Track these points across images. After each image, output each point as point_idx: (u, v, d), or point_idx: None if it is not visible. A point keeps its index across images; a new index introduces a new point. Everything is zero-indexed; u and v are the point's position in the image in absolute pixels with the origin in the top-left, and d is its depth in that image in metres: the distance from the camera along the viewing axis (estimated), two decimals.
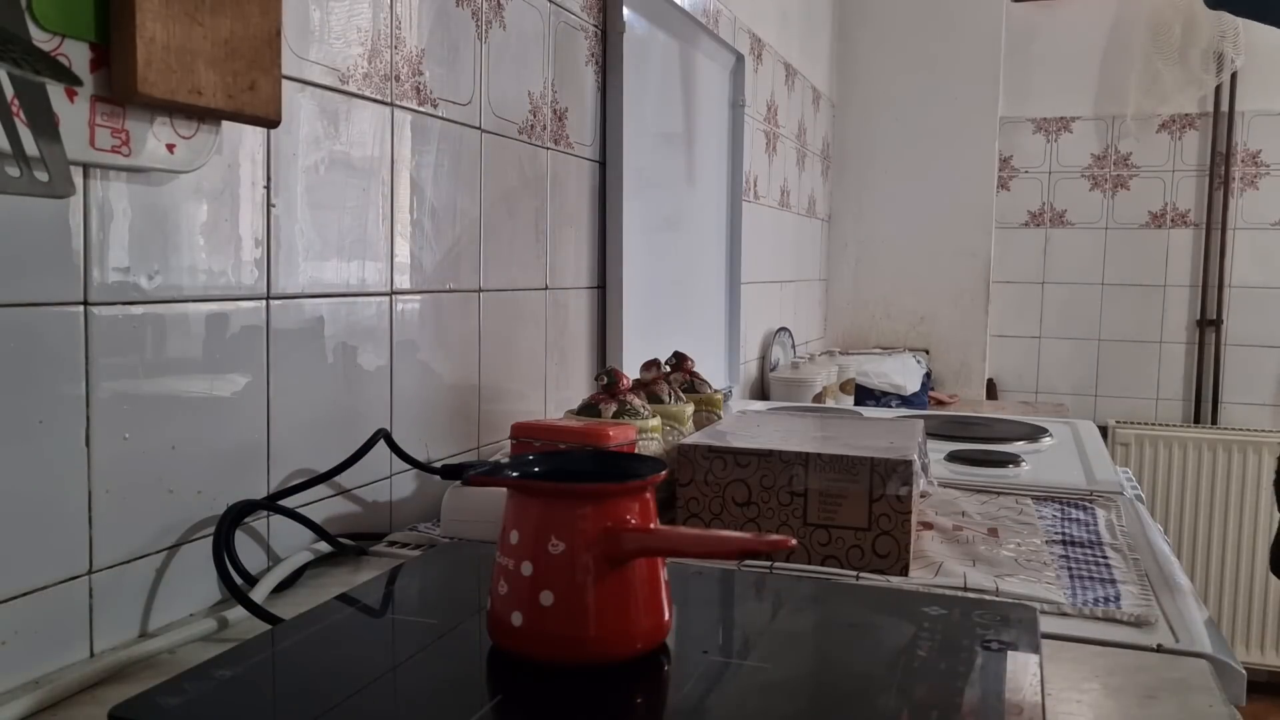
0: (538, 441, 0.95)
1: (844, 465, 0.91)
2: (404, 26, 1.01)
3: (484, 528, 0.93)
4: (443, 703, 0.57)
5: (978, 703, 0.56)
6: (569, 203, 1.38)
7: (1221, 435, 3.13)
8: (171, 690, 0.55)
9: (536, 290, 1.31)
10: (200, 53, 0.69)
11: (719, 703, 0.57)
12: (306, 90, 0.88)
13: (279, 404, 0.87)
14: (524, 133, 1.26)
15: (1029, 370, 3.39)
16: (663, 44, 1.66)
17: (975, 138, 3.00)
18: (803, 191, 2.75)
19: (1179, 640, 0.75)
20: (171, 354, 0.76)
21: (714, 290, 1.99)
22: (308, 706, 0.55)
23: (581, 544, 0.60)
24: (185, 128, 0.73)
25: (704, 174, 1.90)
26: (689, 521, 0.96)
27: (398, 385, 1.03)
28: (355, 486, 0.98)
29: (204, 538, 0.80)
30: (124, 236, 0.72)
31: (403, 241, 1.03)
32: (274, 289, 0.86)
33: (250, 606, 0.75)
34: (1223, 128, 3.15)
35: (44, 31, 0.62)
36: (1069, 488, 1.25)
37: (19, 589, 0.65)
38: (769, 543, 0.61)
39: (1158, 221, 3.24)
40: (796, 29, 2.61)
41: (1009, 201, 3.35)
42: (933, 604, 0.72)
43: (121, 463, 0.72)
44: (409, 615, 0.71)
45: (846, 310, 3.15)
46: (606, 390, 1.05)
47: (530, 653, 0.61)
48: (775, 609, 0.74)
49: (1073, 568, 0.92)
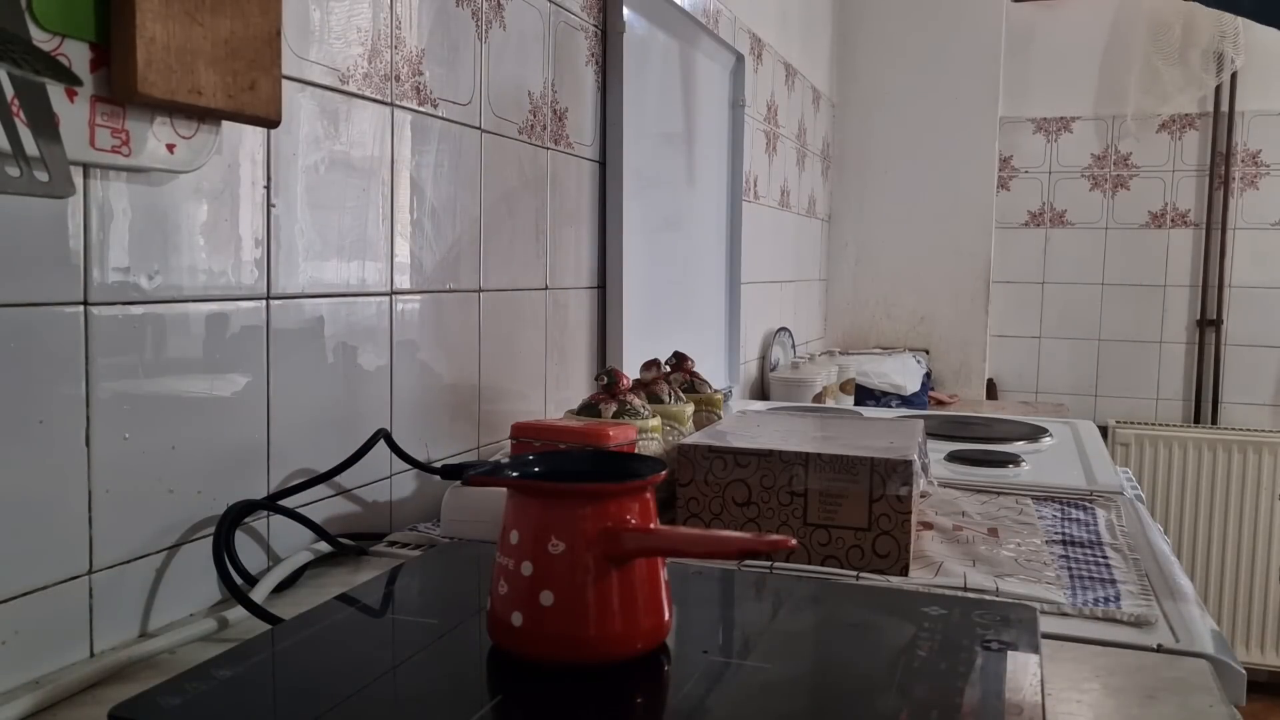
0: (538, 441, 0.95)
1: (844, 465, 0.91)
2: (404, 26, 1.01)
3: (484, 528, 0.93)
4: (443, 703, 0.57)
5: (978, 703, 0.56)
6: (569, 203, 1.38)
7: (1221, 435, 3.13)
8: (171, 690, 0.55)
9: (536, 290, 1.31)
10: (200, 53, 0.69)
11: (719, 703, 0.57)
12: (306, 90, 0.89)
13: (279, 404, 0.87)
14: (524, 133, 1.26)
15: (1029, 370, 3.39)
16: (663, 44, 1.66)
17: (975, 138, 3.00)
18: (803, 191, 2.75)
19: (1179, 640, 0.75)
20: (171, 354, 0.76)
21: (714, 290, 1.99)
22: (308, 706, 0.55)
23: (582, 544, 0.60)
24: (185, 128, 0.73)
25: (704, 174, 1.90)
26: (689, 521, 0.96)
27: (398, 385, 1.03)
28: (355, 486, 0.98)
29: (204, 538, 0.80)
30: (124, 236, 0.72)
31: (403, 241, 1.03)
32: (274, 289, 0.86)
33: (250, 606, 0.75)
34: (1223, 128, 3.15)
35: (44, 31, 0.62)
36: (1069, 488, 1.25)
37: (19, 589, 0.65)
38: (769, 543, 0.61)
39: (1158, 221, 3.24)
40: (796, 29, 2.61)
41: (1009, 201, 3.36)
42: (933, 604, 0.72)
43: (121, 463, 0.72)
44: (409, 615, 0.71)
45: (846, 310, 3.15)
46: (606, 390, 1.05)
47: (530, 653, 0.61)
48: (775, 609, 0.74)
49: (1073, 568, 0.92)
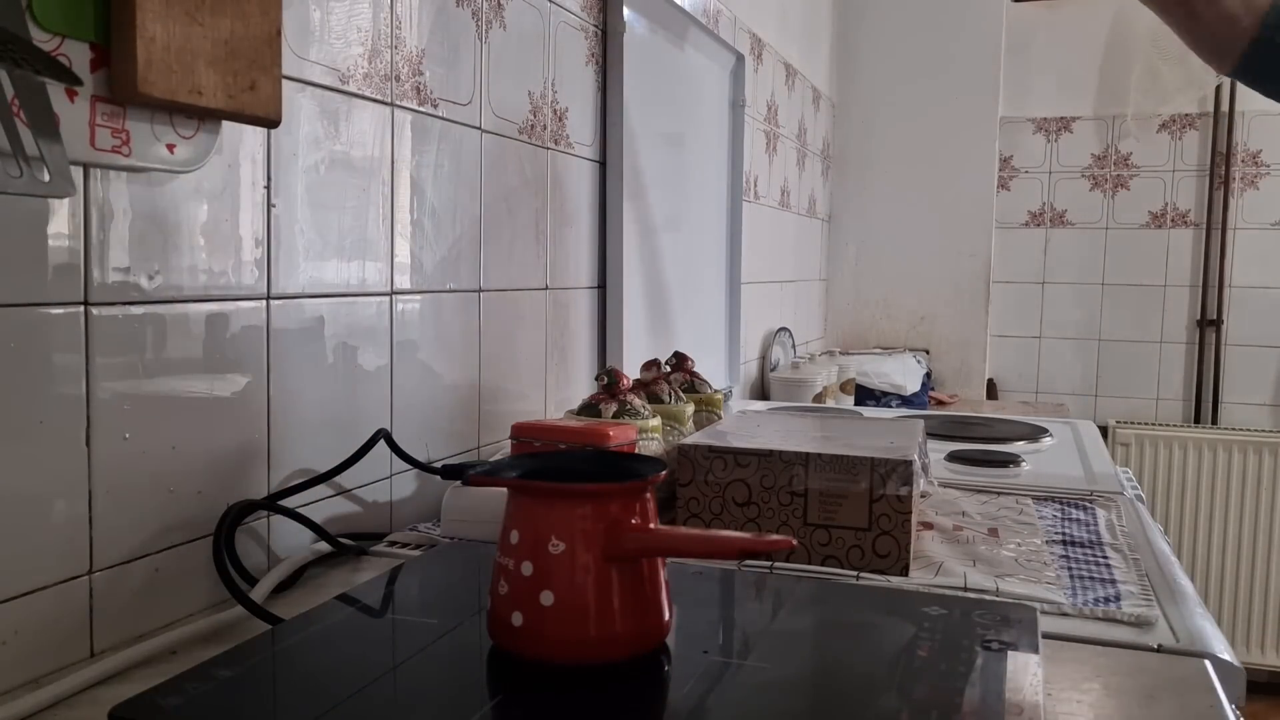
0: (538, 441, 0.95)
1: (844, 465, 0.91)
2: (404, 26, 1.01)
3: (484, 528, 0.93)
4: (443, 703, 0.57)
5: (978, 703, 0.56)
6: (569, 203, 1.38)
7: (1221, 435, 3.13)
8: (171, 690, 0.55)
9: (536, 290, 1.31)
10: (200, 53, 0.69)
11: (719, 703, 0.57)
12: (307, 90, 0.88)
13: (279, 404, 0.87)
14: (524, 133, 1.26)
15: (1029, 370, 3.39)
16: (663, 44, 1.66)
17: (975, 138, 3.00)
18: (803, 191, 2.75)
19: (1179, 640, 0.75)
20: (171, 354, 0.76)
21: (714, 290, 1.99)
22: (308, 706, 0.55)
23: (582, 544, 0.60)
24: (185, 128, 0.73)
25: (704, 174, 1.90)
26: (689, 521, 0.96)
27: (398, 385, 1.03)
28: (355, 486, 0.98)
29: (204, 538, 0.80)
30: (124, 236, 0.71)
31: (403, 241, 1.03)
32: (274, 289, 0.86)
33: (250, 606, 0.75)
34: (1223, 128, 3.15)
35: (44, 31, 0.62)
36: (1069, 488, 1.25)
37: (19, 589, 0.65)
38: (769, 543, 0.61)
39: (1158, 221, 3.24)
40: (796, 29, 2.61)
41: (1009, 201, 3.36)
42: (933, 604, 0.72)
43: (121, 463, 0.72)
44: (409, 615, 0.71)
45: (847, 310, 3.15)
46: (607, 390, 1.05)
47: (530, 653, 0.61)
48: (775, 609, 0.74)
49: (1073, 568, 0.92)
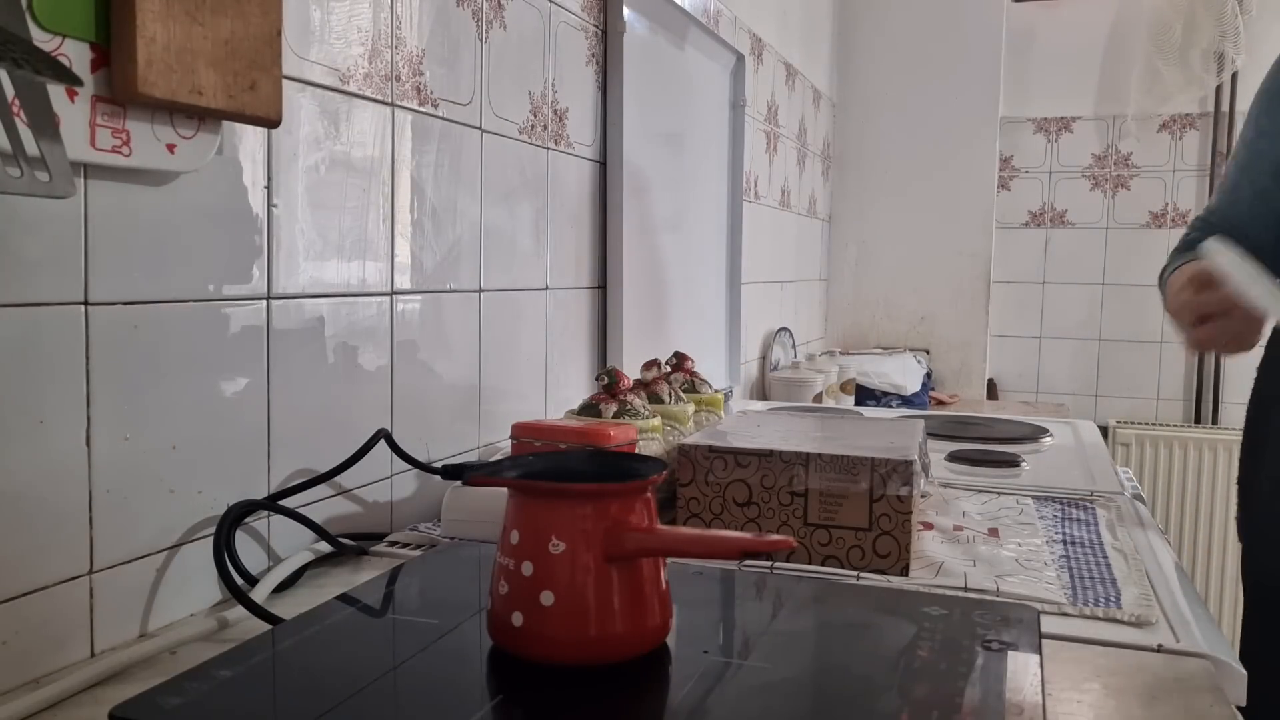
0: (538, 441, 0.95)
1: (844, 465, 0.91)
2: (404, 26, 1.01)
3: (484, 528, 0.93)
4: (443, 703, 0.57)
5: (978, 703, 0.56)
6: (569, 203, 1.38)
7: (1221, 435, 3.13)
8: (171, 690, 0.55)
9: (536, 290, 1.31)
10: (201, 53, 0.69)
11: (719, 703, 0.57)
12: (307, 90, 0.88)
13: (279, 404, 0.87)
14: (524, 133, 1.26)
15: (1029, 370, 3.39)
16: (663, 44, 1.66)
17: (976, 138, 3.00)
18: (803, 191, 2.75)
19: (1179, 640, 0.75)
20: (171, 354, 0.76)
21: (714, 290, 1.99)
22: (308, 706, 0.55)
23: (582, 544, 0.60)
24: (186, 128, 0.73)
25: (704, 174, 1.90)
26: (689, 521, 0.96)
27: (398, 385, 1.03)
28: (355, 486, 0.98)
29: (204, 538, 0.80)
30: (124, 236, 0.71)
31: (403, 241, 1.03)
32: (274, 289, 0.86)
33: (250, 606, 0.75)
34: (1223, 128, 3.14)
35: (44, 31, 0.62)
36: (1069, 488, 1.25)
37: (19, 589, 0.65)
38: (769, 543, 0.61)
39: (1158, 221, 3.24)
40: (797, 29, 2.61)
41: (1009, 201, 3.35)
42: (933, 604, 0.72)
43: (121, 463, 0.72)
44: (409, 615, 0.71)
45: (847, 310, 3.15)
46: (607, 390, 1.05)
47: (530, 653, 0.61)
48: (775, 609, 0.74)
49: (1073, 568, 0.92)
